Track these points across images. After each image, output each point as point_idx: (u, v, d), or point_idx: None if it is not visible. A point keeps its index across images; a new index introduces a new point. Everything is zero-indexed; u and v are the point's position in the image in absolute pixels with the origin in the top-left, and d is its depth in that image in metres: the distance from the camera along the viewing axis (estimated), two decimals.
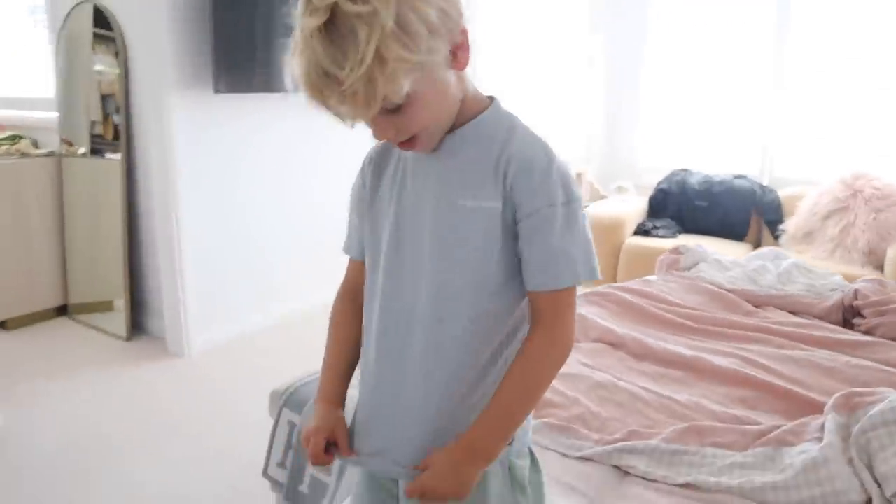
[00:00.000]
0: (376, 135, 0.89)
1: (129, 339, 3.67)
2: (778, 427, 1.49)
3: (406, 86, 0.81)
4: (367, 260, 1.03)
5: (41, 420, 2.87)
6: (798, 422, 1.50)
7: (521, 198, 0.90)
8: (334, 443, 1.02)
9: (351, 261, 1.10)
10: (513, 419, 0.92)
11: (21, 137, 3.96)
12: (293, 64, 0.82)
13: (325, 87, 0.79)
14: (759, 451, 1.42)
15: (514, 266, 0.93)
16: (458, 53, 0.88)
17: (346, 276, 1.10)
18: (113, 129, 3.74)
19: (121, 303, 3.78)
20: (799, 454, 1.37)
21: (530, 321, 0.94)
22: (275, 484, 1.98)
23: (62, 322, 3.94)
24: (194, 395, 3.07)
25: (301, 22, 0.79)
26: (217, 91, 3.12)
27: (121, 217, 3.60)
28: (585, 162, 4.75)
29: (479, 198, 0.91)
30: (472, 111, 0.94)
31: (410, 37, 0.79)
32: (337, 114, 0.84)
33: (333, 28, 0.77)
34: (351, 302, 1.08)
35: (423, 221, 0.94)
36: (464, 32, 0.88)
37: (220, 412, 2.91)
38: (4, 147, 3.81)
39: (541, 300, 0.92)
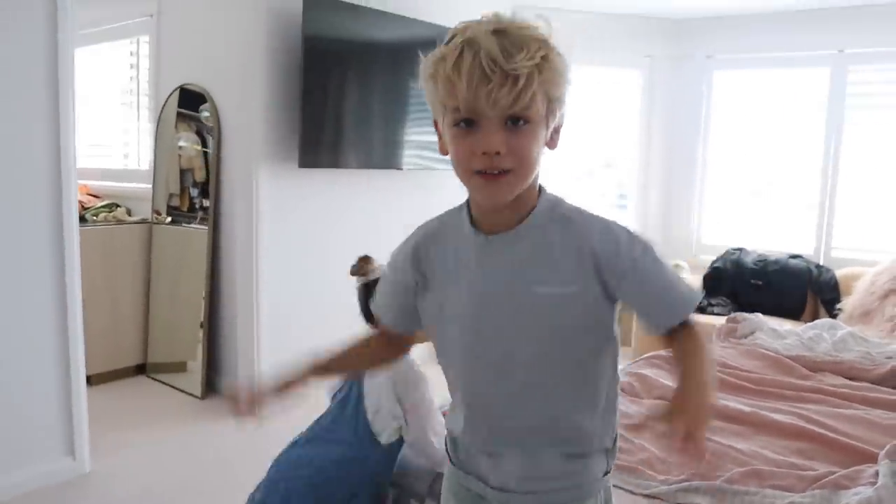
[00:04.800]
0: (486, 144, 0.90)
1: (203, 397, 3.87)
2: (834, 472, 1.58)
3: (542, 107, 0.91)
4: (436, 344, 1.08)
5: (124, 468, 3.05)
6: (853, 468, 1.59)
7: (615, 268, 0.96)
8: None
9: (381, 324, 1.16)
10: (711, 372, 0.97)
11: (117, 206, 4.31)
12: (438, 69, 0.90)
13: (490, 71, 0.87)
14: (816, 492, 1.51)
15: (602, 336, 1.02)
16: (556, 135, 0.99)
17: (381, 332, 1.17)
18: (189, 201, 4.07)
19: (194, 364, 4.00)
20: (854, 495, 1.46)
21: None
22: None
23: (140, 380, 4.17)
24: (264, 453, 3.23)
25: (469, 30, 0.90)
26: (301, 166, 3.41)
27: (205, 283, 3.87)
28: None
29: (553, 283, 0.96)
30: (534, 198, 1.00)
31: (562, 74, 0.92)
32: (475, 105, 0.89)
33: (505, 35, 0.89)
34: (385, 343, 1.17)
35: (502, 306, 0.98)
36: (561, 125, 0.98)
37: None
38: (102, 214, 4.15)
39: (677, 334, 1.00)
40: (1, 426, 2.70)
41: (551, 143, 0.98)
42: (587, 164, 5.24)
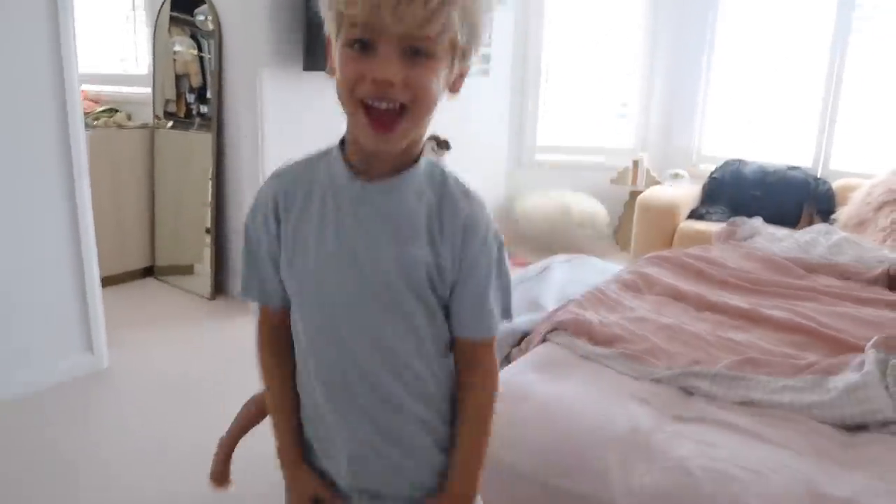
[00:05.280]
0: (381, 70, 0.78)
1: (212, 298, 3.97)
2: (822, 360, 1.69)
3: (445, 39, 0.80)
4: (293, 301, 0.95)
5: (140, 364, 3.17)
6: (842, 357, 1.69)
7: (463, 254, 0.89)
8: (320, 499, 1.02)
9: (264, 308, 1.00)
10: (481, 459, 0.97)
11: (117, 111, 4.29)
12: None
13: None
14: (807, 377, 1.62)
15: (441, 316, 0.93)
16: (459, 80, 0.88)
17: (264, 324, 1.01)
18: (185, 107, 4.05)
19: (200, 267, 4.08)
20: (842, 380, 1.57)
21: (460, 364, 0.96)
22: None
23: (149, 282, 4.27)
24: None
25: None
26: (306, 69, 3.38)
27: (209, 188, 3.90)
28: (641, 149, 4.93)
29: (418, 245, 0.87)
30: (419, 148, 0.91)
31: (471, 13, 0.82)
32: (376, 21, 0.77)
33: None
34: (277, 354, 1.00)
35: (372, 264, 0.88)
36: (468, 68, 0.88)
37: None
38: (103, 119, 4.13)
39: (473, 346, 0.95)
40: (22, 325, 2.80)
41: (454, 87, 0.88)
42: (589, 72, 5.21)
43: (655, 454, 1.38)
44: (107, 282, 4.02)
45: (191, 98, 4.00)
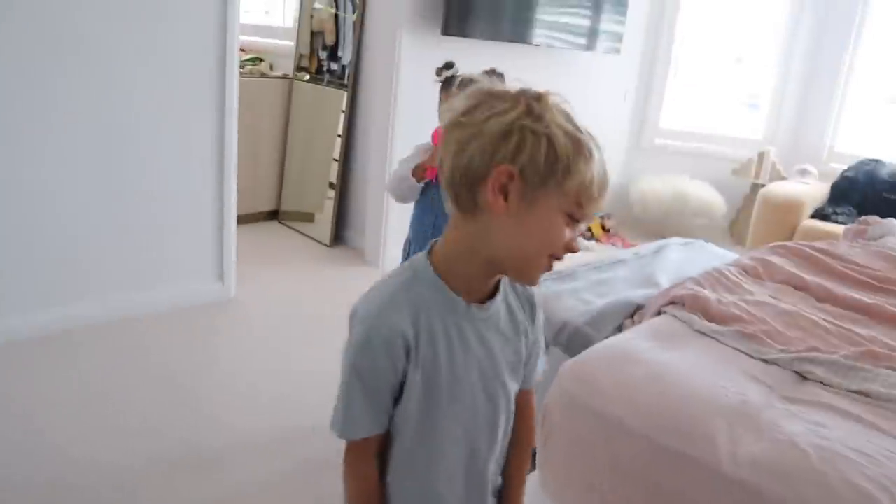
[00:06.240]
0: (576, 245, 0.91)
1: (331, 245, 4.19)
2: None
3: None
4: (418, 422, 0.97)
5: (263, 297, 3.41)
6: None
7: (536, 324, 1.06)
8: None
9: (372, 437, 0.97)
10: None
11: (261, 60, 4.54)
12: (585, 169, 0.87)
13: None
14: None
15: None
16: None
17: (369, 451, 0.98)
18: (317, 63, 4.23)
19: (321, 216, 4.30)
20: None
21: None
22: None
23: (273, 225, 4.53)
24: None
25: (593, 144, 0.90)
26: (445, 33, 3.48)
27: (338, 142, 4.09)
28: (769, 142, 4.79)
29: (523, 344, 1.03)
30: None
31: None
32: (589, 213, 0.91)
33: None
34: (377, 480, 1.02)
35: (495, 370, 0.99)
36: None
37: None
38: (248, 67, 4.38)
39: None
40: (165, 249, 3.06)
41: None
42: (721, 59, 5.09)
43: (765, 427, 1.41)
44: (238, 220, 4.29)
45: (323, 55, 4.19)
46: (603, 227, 4.89)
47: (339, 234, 4.24)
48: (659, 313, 2.00)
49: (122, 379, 2.55)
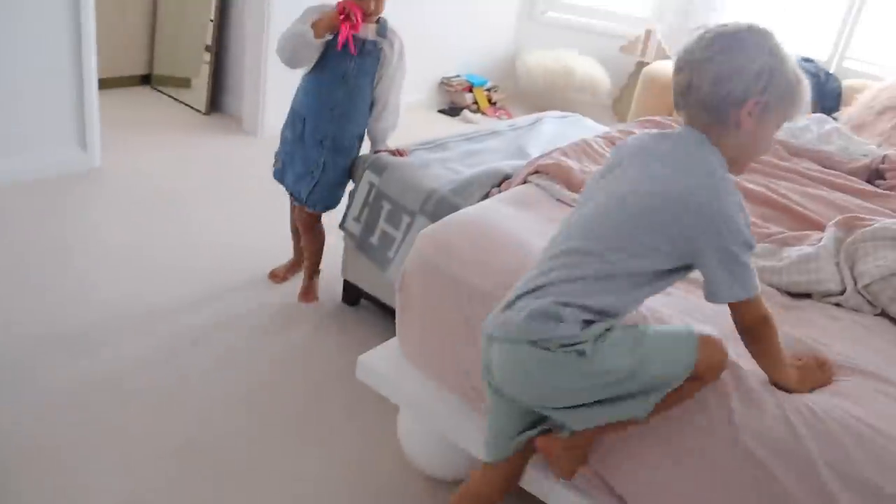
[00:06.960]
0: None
1: (207, 113, 3.98)
2: (784, 233, 1.77)
3: None
4: None
5: (132, 167, 3.23)
6: (802, 232, 1.77)
7: None
8: None
9: None
10: None
11: None
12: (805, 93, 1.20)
13: None
14: (766, 246, 1.71)
15: None
16: None
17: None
18: None
19: (198, 81, 4.06)
20: (796, 251, 1.66)
21: None
22: (350, 235, 2.29)
23: (145, 90, 4.25)
24: (263, 168, 3.41)
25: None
26: None
27: (213, 3, 3.80)
28: (657, 20, 4.80)
29: None
30: None
31: None
32: None
33: None
34: None
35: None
36: None
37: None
38: None
39: None
40: (18, 114, 2.83)
41: None
42: None
43: None
44: (104, 84, 4.01)
45: None
46: (489, 101, 4.85)
47: (216, 101, 4.03)
48: (525, 182, 2.01)
49: None
